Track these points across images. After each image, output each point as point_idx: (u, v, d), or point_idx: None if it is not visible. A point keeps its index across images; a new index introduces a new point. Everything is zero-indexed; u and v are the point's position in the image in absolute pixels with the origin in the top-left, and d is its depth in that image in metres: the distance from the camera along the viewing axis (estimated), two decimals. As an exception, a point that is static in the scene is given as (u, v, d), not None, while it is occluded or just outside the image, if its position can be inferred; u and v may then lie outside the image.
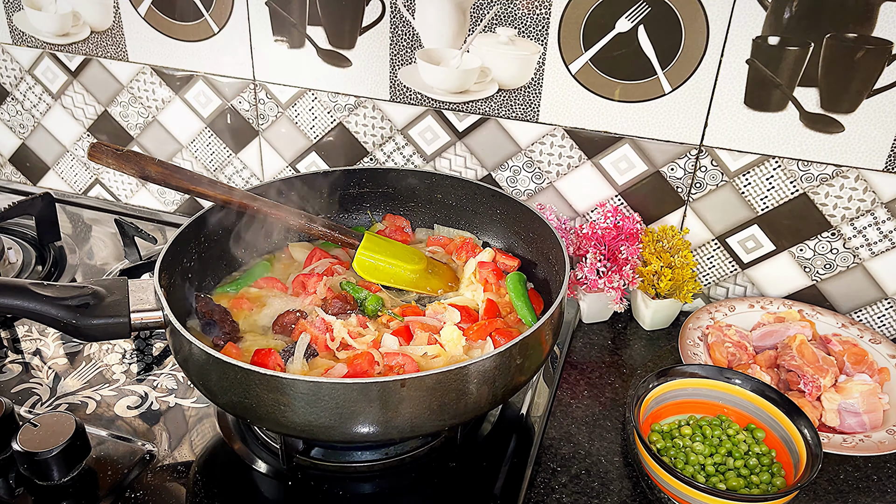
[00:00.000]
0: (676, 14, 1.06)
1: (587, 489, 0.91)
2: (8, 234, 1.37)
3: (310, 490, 0.89)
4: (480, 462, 0.93)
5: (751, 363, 1.06)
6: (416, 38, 1.20)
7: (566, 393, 1.07)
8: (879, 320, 1.17)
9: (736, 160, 1.13)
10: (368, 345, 0.93)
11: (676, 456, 0.91)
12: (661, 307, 1.17)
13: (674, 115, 1.13)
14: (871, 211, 1.10)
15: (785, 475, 0.89)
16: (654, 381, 0.95)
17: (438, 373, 0.77)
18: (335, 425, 0.78)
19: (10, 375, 1.04)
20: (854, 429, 0.97)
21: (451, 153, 1.29)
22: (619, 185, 1.21)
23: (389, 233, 1.17)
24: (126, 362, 1.08)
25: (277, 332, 0.97)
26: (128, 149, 0.98)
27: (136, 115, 1.46)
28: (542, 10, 1.12)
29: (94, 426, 0.95)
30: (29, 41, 1.45)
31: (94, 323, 0.86)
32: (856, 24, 0.99)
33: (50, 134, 1.55)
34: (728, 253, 1.21)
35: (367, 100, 1.28)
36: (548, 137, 1.21)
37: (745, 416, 0.96)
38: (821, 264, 1.16)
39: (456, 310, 0.99)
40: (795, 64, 1.04)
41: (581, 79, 1.15)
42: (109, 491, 0.87)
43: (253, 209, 1.03)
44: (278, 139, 1.38)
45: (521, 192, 1.28)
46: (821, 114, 1.06)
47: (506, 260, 1.11)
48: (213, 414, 0.99)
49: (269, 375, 0.76)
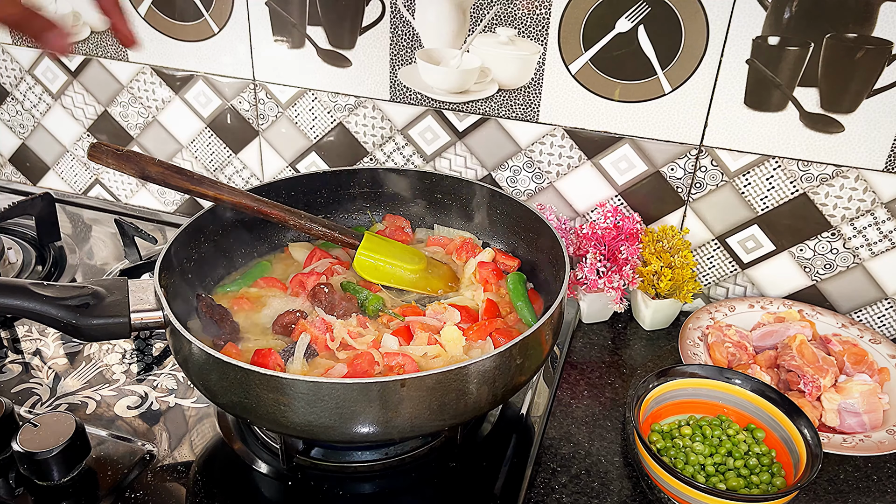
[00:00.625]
0: (676, 14, 1.06)
1: (587, 489, 0.91)
2: (8, 234, 1.37)
3: (310, 490, 0.89)
4: (480, 462, 0.93)
5: (751, 363, 1.06)
6: (416, 38, 1.20)
7: (566, 393, 1.07)
8: (879, 320, 1.17)
9: (736, 160, 1.13)
10: (368, 345, 0.93)
11: (676, 456, 0.91)
12: (661, 307, 1.17)
13: (674, 115, 1.13)
14: (871, 211, 1.10)
15: (785, 475, 0.89)
16: (654, 381, 0.95)
17: (438, 373, 0.77)
18: (335, 425, 0.78)
19: (10, 375, 1.04)
20: (854, 429, 0.97)
21: (451, 153, 1.29)
22: (619, 185, 1.21)
23: (389, 233, 1.17)
24: (126, 362, 1.08)
25: (277, 332, 0.97)
26: (128, 149, 0.98)
27: (136, 115, 1.46)
28: (542, 10, 1.12)
29: (94, 426, 0.95)
30: (28, 41, 1.45)
31: (94, 323, 0.86)
32: (856, 24, 0.99)
33: (50, 134, 1.55)
34: (728, 253, 1.21)
35: (367, 100, 1.28)
36: (548, 137, 1.21)
37: (745, 416, 0.96)
38: (821, 264, 1.16)
39: (456, 310, 0.99)
40: (795, 64, 1.04)
41: (581, 79, 1.15)
42: (109, 491, 0.87)
43: (253, 209, 1.03)
44: (278, 139, 1.38)
45: (521, 192, 1.28)
46: (821, 114, 1.06)
47: (506, 260, 1.11)
48: (213, 414, 0.99)
49: (269, 375, 0.76)
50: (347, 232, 1.09)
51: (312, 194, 1.16)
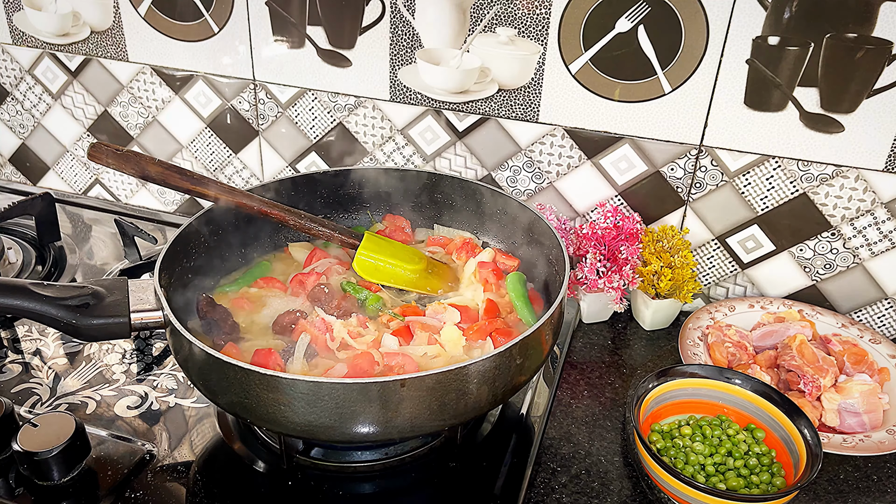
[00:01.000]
0: (676, 14, 1.06)
1: (587, 489, 0.91)
2: (8, 234, 1.37)
3: (310, 490, 0.89)
4: (480, 462, 0.93)
5: (751, 363, 1.06)
6: (416, 38, 1.20)
7: (566, 393, 1.07)
8: (879, 320, 1.17)
9: (736, 160, 1.13)
10: (368, 345, 0.93)
11: (676, 456, 0.91)
12: (661, 307, 1.17)
13: (674, 115, 1.13)
14: (871, 211, 1.10)
15: (785, 475, 0.89)
16: (654, 381, 0.95)
17: (438, 373, 0.77)
18: (335, 425, 0.78)
19: (10, 375, 1.04)
20: (854, 429, 0.97)
21: (451, 153, 1.29)
22: (619, 185, 1.21)
23: (389, 233, 1.17)
24: (126, 362, 1.08)
25: (277, 332, 0.97)
26: (128, 149, 0.99)
27: (136, 115, 1.46)
28: (542, 10, 1.12)
29: (94, 426, 0.95)
30: (29, 41, 1.45)
31: (94, 323, 0.86)
32: (856, 24, 0.99)
33: (50, 134, 1.55)
34: (728, 253, 1.21)
35: (367, 100, 1.28)
36: (548, 137, 1.21)
37: (745, 416, 0.96)
38: (821, 264, 1.16)
39: (456, 310, 0.99)
40: (795, 64, 1.04)
41: (581, 79, 1.15)
42: (109, 491, 0.87)
43: (253, 209, 1.03)
44: (278, 139, 1.38)
45: (521, 192, 1.28)
46: (821, 114, 1.06)
47: (506, 260, 1.11)
48: (213, 414, 0.99)
49: (269, 375, 0.76)
50: (347, 232, 1.09)
51: (312, 194, 1.16)
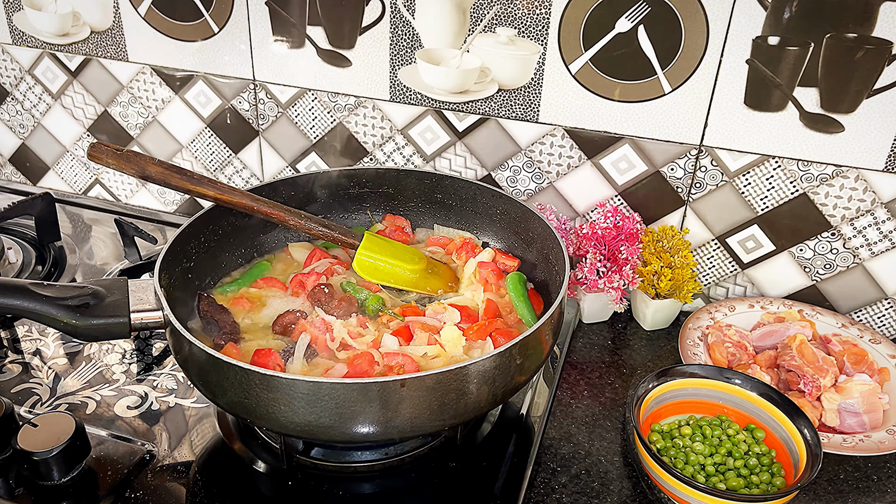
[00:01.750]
0: (676, 14, 1.06)
1: (587, 489, 0.91)
2: (8, 234, 1.37)
3: (310, 490, 0.89)
4: (480, 462, 0.93)
5: (751, 363, 1.06)
6: (416, 38, 1.20)
7: (566, 393, 1.07)
8: (879, 320, 1.17)
9: (736, 160, 1.13)
10: (368, 345, 0.93)
11: (676, 456, 0.91)
12: (661, 307, 1.17)
13: (674, 115, 1.13)
14: (871, 211, 1.10)
15: (785, 475, 0.89)
16: (654, 381, 0.95)
17: (438, 373, 0.77)
18: (335, 425, 0.78)
19: (10, 375, 1.04)
20: (854, 429, 0.97)
21: (451, 153, 1.29)
22: (619, 185, 1.21)
23: (389, 233, 1.17)
24: (126, 362, 1.08)
25: (277, 332, 0.97)
26: (128, 149, 0.99)
27: (136, 115, 1.46)
28: (542, 10, 1.12)
29: (94, 426, 0.95)
30: (29, 41, 1.45)
31: (94, 323, 0.86)
32: (856, 24, 0.99)
33: (50, 134, 1.55)
34: (728, 253, 1.21)
35: (367, 100, 1.28)
36: (548, 137, 1.21)
37: (745, 416, 0.96)
38: (821, 264, 1.16)
39: (456, 310, 0.99)
40: (795, 64, 1.04)
41: (581, 79, 1.15)
42: (109, 491, 0.87)
43: (253, 209, 1.03)
44: (278, 139, 1.38)
45: (521, 192, 1.28)
46: (821, 114, 1.06)
47: (506, 260, 1.11)
48: (213, 414, 0.99)
49: (269, 375, 0.76)
50: (347, 232, 1.09)
51: (312, 194, 1.16)
